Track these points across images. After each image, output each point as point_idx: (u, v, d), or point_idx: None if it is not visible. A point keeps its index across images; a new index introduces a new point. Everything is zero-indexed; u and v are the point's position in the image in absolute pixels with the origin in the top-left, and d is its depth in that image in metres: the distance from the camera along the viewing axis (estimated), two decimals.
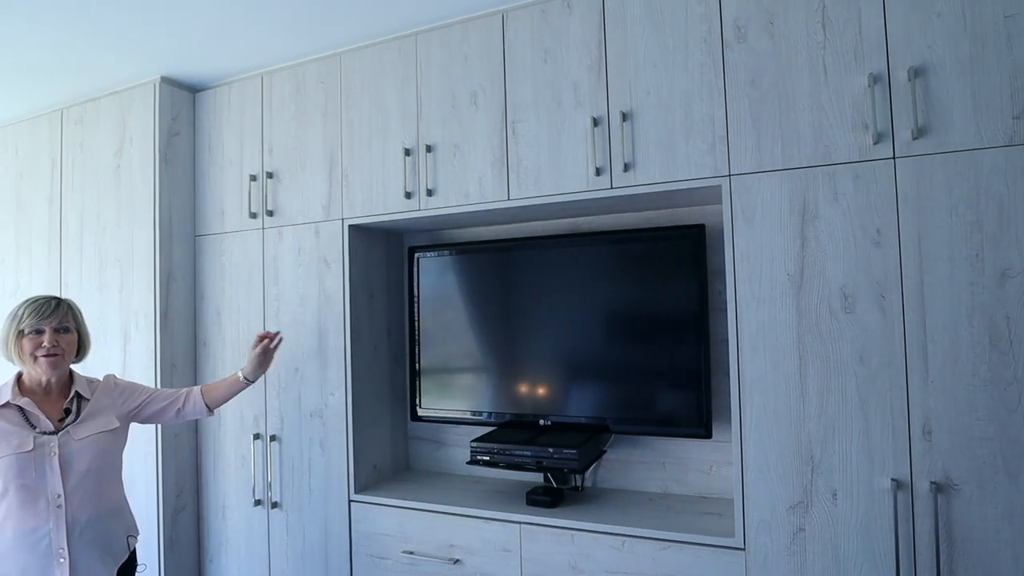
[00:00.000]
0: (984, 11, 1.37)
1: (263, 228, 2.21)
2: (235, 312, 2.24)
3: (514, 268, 2.02)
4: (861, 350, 1.44)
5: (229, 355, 2.25)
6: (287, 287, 2.15)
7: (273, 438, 2.16)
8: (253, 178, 2.22)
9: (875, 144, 1.45)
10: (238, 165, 2.27)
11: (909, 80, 1.42)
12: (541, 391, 1.98)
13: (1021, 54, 1.35)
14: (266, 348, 1.87)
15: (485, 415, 2.06)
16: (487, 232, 2.22)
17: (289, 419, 2.14)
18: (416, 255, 2.19)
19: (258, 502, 2.18)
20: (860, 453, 1.44)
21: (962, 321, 1.37)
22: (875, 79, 1.45)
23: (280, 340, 1.92)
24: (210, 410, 1.83)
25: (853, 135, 1.47)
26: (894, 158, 1.43)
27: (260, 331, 2.01)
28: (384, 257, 2.24)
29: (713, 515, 1.73)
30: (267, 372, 1.97)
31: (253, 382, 1.87)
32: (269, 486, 2.16)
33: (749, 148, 1.56)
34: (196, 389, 1.81)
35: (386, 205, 1.99)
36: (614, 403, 1.87)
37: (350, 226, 2.05)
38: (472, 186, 1.88)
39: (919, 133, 1.41)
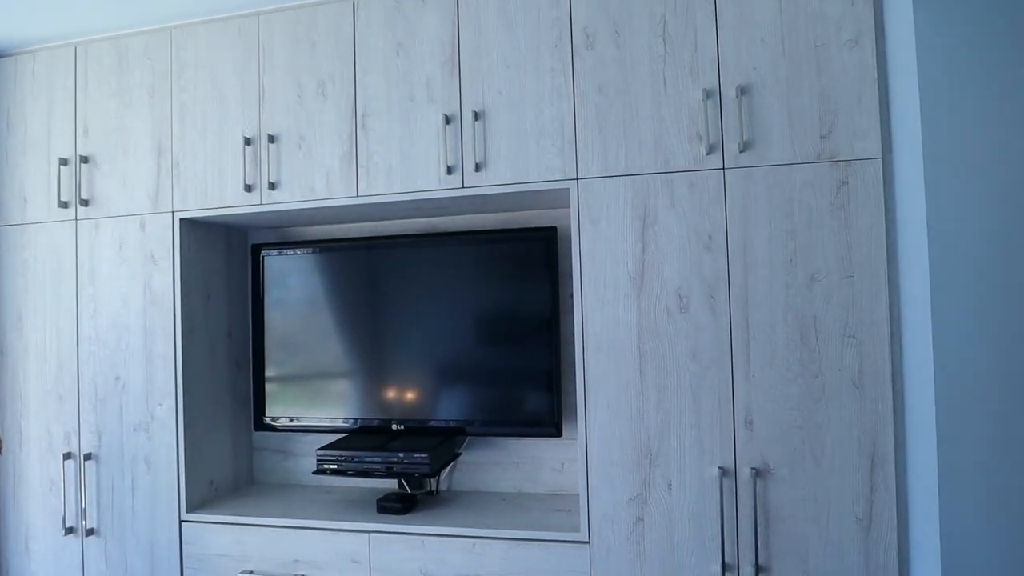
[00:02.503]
0: (799, 39, 1.51)
1: (76, 219, 1.94)
2: (40, 316, 1.95)
3: (365, 269, 1.94)
4: (694, 348, 1.53)
5: (33, 366, 1.96)
6: (106, 286, 1.90)
7: (88, 457, 1.91)
8: (64, 162, 1.95)
9: (707, 155, 1.54)
10: (45, 146, 1.98)
11: (736, 97, 1.53)
12: (393, 395, 1.91)
13: (828, 80, 1.50)
14: None
15: (335, 422, 1.96)
16: (338, 231, 2.11)
17: (108, 434, 1.90)
18: (262, 253, 2.03)
19: (70, 530, 1.92)
20: (692, 444, 1.53)
21: (779, 320, 1.50)
22: (708, 94, 1.55)
23: None
24: None
25: (689, 145, 1.56)
26: (723, 169, 1.54)
27: (71, 336, 1.76)
28: (224, 254, 2.06)
29: (563, 511, 1.77)
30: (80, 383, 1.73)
31: None
32: (83, 511, 1.91)
33: (596, 153, 1.61)
34: None
35: (223, 198, 1.83)
36: (468, 405, 1.86)
37: (182, 220, 1.86)
38: (319, 181, 1.77)
39: (744, 146, 1.52)
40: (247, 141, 1.81)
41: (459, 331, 1.87)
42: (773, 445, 1.49)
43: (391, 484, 2.07)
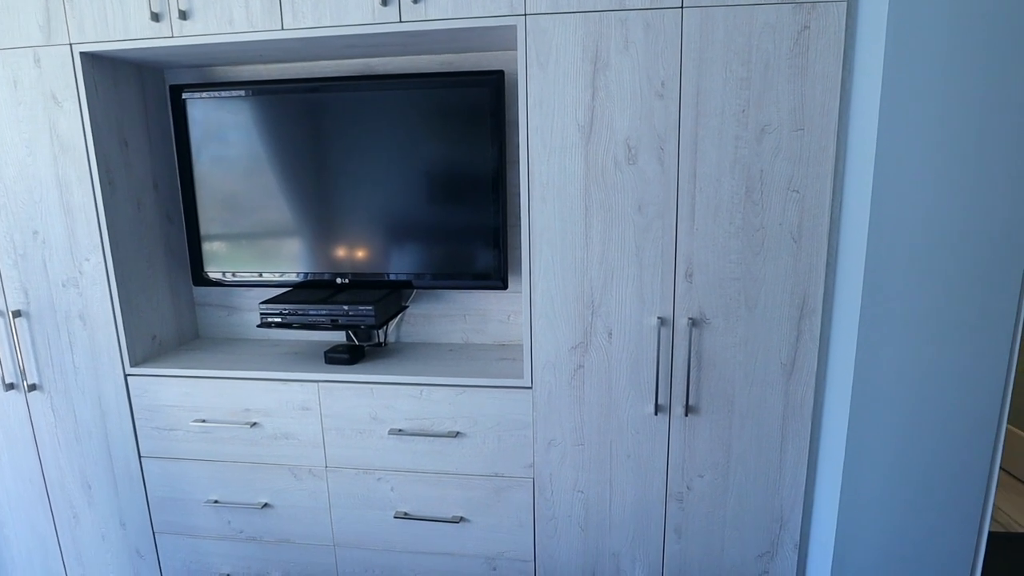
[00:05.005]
0: None
1: None
2: None
3: (300, 114, 1.80)
4: (640, 200, 1.51)
5: None
6: (5, 131, 1.72)
7: (18, 314, 1.84)
8: None
9: None
10: None
11: None
12: (337, 249, 1.87)
13: None
14: None
15: (278, 276, 1.92)
16: (266, 72, 1.93)
17: (35, 291, 1.82)
18: (183, 96, 1.85)
19: (10, 386, 1.90)
20: (633, 296, 1.57)
21: (725, 173, 1.48)
22: None
23: None
24: None
25: None
26: (682, 7, 1.42)
27: None
28: (140, 96, 1.87)
29: (508, 360, 1.84)
30: None
31: None
32: (22, 368, 1.87)
33: None
34: None
35: (127, 29, 1.62)
36: (415, 259, 1.83)
37: (82, 54, 1.65)
38: (237, 11, 1.57)
39: None
40: None
41: (404, 183, 1.80)
42: (711, 296, 1.54)
43: (338, 337, 2.09)
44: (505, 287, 1.80)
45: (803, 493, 1.63)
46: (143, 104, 1.88)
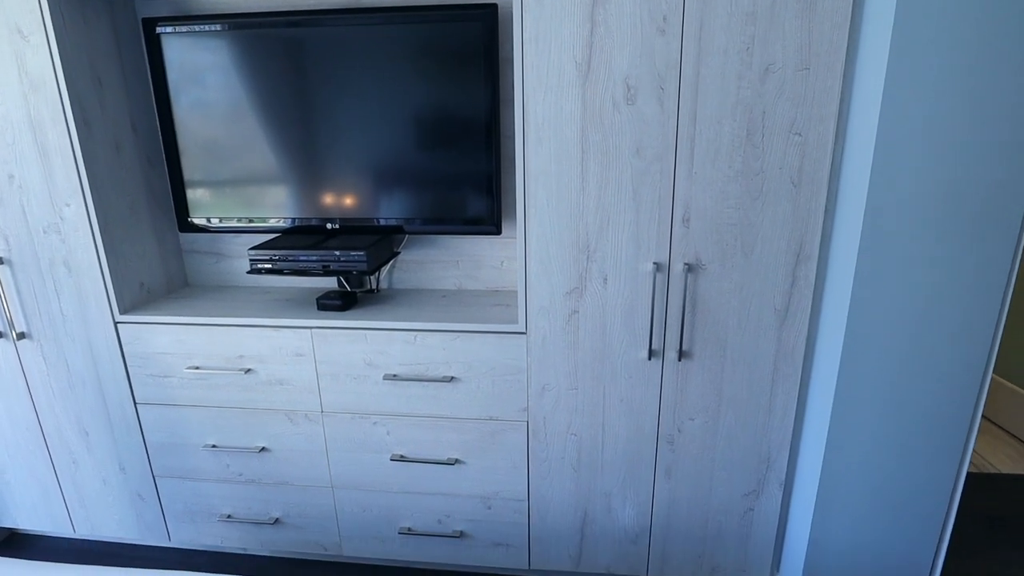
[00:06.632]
0: None
1: None
2: None
3: (281, 53, 1.71)
4: (638, 143, 1.47)
5: None
6: None
7: (0, 261, 1.80)
8: None
9: None
10: None
11: None
12: (327, 194, 1.82)
13: None
14: None
15: (266, 222, 1.88)
16: (245, 2, 1.82)
17: (16, 238, 1.77)
18: (157, 31, 1.75)
19: None
20: (629, 241, 1.54)
21: (727, 115, 1.43)
22: None
23: None
24: None
25: None
26: None
27: None
28: (111, 31, 1.77)
29: (502, 306, 1.83)
30: None
31: None
32: (9, 316, 1.85)
33: None
34: None
35: None
36: (405, 202, 1.79)
37: None
38: None
39: None
40: None
41: (393, 124, 1.74)
42: (707, 241, 1.52)
43: (329, 283, 2.07)
44: (499, 232, 1.77)
45: (791, 435, 1.66)
46: (115, 38, 1.78)
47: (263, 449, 1.89)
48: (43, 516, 2.12)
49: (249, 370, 1.81)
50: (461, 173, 1.73)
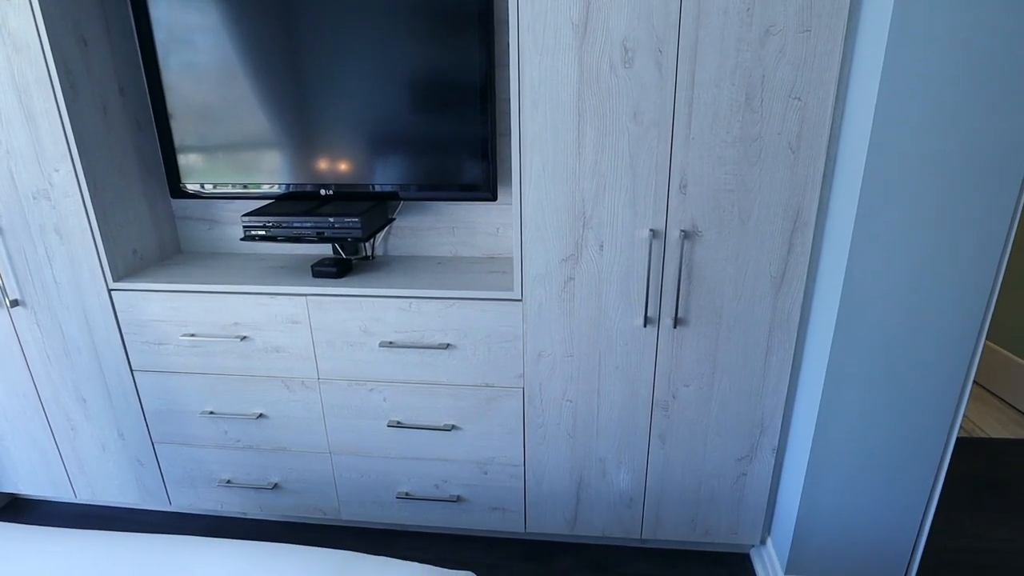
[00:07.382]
0: None
1: None
2: None
3: (276, 9, 1.66)
4: (635, 107, 1.45)
5: None
6: None
7: None
8: None
9: None
10: None
11: None
12: (320, 159, 1.79)
13: None
14: None
15: (260, 188, 1.85)
16: None
17: (6, 204, 1.74)
18: None
19: None
20: (626, 207, 1.53)
21: (726, 79, 1.41)
22: None
23: None
24: None
25: None
26: None
27: None
28: None
29: (498, 273, 1.82)
30: None
31: None
32: (1, 283, 1.83)
33: None
34: None
35: None
36: (400, 168, 1.77)
37: None
38: None
39: None
40: None
41: (387, 88, 1.70)
42: (704, 208, 1.51)
43: (324, 250, 2.06)
44: (494, 198, 1.76)
45: (784, 401, 1.68)
46: None
47: (260, 416, 1.90)
48: (44, 481, 2.14)
49: (245, 337, 1.81)
50: (456, 138, 1.71)
